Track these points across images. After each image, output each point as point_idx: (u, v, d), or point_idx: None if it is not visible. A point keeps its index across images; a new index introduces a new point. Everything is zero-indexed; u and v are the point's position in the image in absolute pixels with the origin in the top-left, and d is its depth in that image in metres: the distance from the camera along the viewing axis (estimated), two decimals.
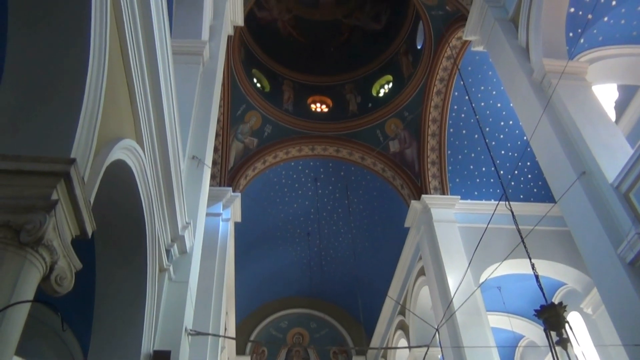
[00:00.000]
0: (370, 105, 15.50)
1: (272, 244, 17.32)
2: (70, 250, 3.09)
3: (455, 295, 10.27)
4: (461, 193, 13.28)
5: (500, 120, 12.95)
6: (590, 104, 8.37)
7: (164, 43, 5.39)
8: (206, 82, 8.69)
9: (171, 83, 5.78)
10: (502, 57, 9.74)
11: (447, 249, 11.77)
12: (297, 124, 15.25)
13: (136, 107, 4.82)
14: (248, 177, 14.26)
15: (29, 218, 2.78)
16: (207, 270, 9.75)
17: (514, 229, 7.69)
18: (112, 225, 5.01)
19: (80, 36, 3.54)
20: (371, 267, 17.10)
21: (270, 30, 15.88)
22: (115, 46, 4.21)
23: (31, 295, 2.78)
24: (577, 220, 7.66)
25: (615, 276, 6.85)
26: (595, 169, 7.46)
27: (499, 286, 12.73)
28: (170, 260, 6.24)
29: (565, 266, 11.71)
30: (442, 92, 13.43)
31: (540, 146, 8.60)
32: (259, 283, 18.29)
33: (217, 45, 9.47)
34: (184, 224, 6.58)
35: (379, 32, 15.94)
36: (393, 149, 14.76)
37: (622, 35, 9.21)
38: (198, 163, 7.48)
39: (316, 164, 15.56)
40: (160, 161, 5.68)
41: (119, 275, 5.16)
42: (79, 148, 3.29)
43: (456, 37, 12.11)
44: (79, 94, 3.40)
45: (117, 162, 4.22)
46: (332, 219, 16.90)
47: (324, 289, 18.79)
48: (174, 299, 6.05)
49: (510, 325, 13.84)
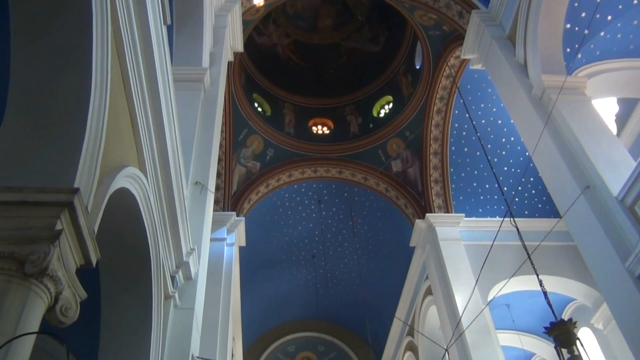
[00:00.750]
0: (372, 125, 15.57)
1: (278, 268, 17.23)
2: (75, 280, 3.08)
3: (464, 314, 10.17)
4: (465, 211, 13.24)
5: (501, 137, 12.98)
6: (591, 118, 8.38)
7: (165, 71, 5.45)
8: (207, 108, 8.75)
9: (173, 110, 5.83)
10: (501, 74, 9.80)
11: (453, 268, 11.69)
12: (299, 147, 15.30)
13: (138, 135, 4.85)
14: (251, 201, 14.27)
15: (33, 249, 2.79)
16: (212, 296, 9.68)
17: (521, 245, 7.67)
18: (117, 253, 5.00)
19: (82, 66, 3.59)
20: (378, 287, 16.98)
21: (269, 55, 16.05)
22: (117, 75, 4.26)
23: (36, 326, 2.77)
24: (583, 234, 7.61)
25: (624, 290, 6.77)
26: (599, 182, 7.44)
27: (507, 304, 12.60)
28: (175, 287, 6.21)
29: (574, 281, 11.60)
30: (442, 111, 13.48)
31: (543, 161, 8.60)
32: (265, 307, 18.15)
33: (217, 72, 9.56)
34: (189, 250, 6.56)
35: (377, 54, 16.08)
36: (395, 168, 14.77)
37: (619, 49, 9.26)
38: (201, 189, 7.49)
39: (319, 185, 15.57)
40: (163, 188, 5.70)
41: (124, 303, 5.13)
42: (82, 177, 3.31)
43: (454, 56, 12.21)
44: (81, 124, 3.43)
45: (121, 190, 4.23)
46: (336, 240, 16.84)
47: (331, 311, 18.64)
48: (180, 326, 6.00)
49: (521, 343, 13.65)
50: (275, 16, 15.52)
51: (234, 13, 10.69)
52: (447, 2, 11.25)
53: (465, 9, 10.84)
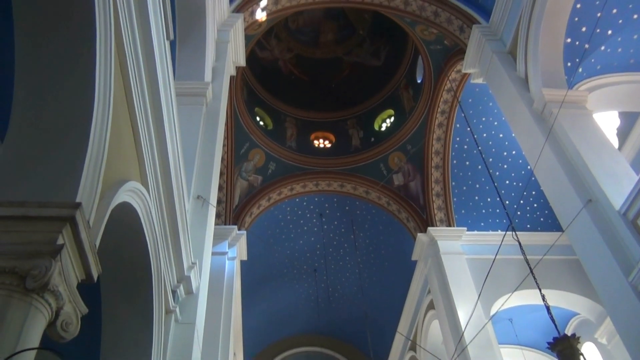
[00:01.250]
0: (373, 139, 15.60)
1: (279, 282, 17.17)
2: (76, 295, 3.07)
3: (466, 329, 10.11)
4: (467, 224, 13.21)
5: (503, 150, 12.99)
6: (592, 131, 8.39)
7: (168, 85, 5.48)
8: (210, 122, 8.77)
9: (175, 124, 5.85)
10: (502, 88, 9.83)
11: (455, 282, 11.64)
12: (300, 161, 15.33)
13: (141, 149, 4.86)
14: (253, 214, 14.25)
15: (34, 264, 2.78)
16: (213, 310, 9.63)
17: (523, 258, 7.64)
18: (118, 267, 4.99)
19: (85, 81, 3.61)
20: (380, 301, 16.89)
21: (272, 69, 16.14)
22: (119, 90, 4.28)
23: (37, 342, 2.76)
24: (586, 248, 7.59)
25: (628, 304, 6.73)
26: (601, 196, 7.42)
27: (510, 318, 12.52)
28: (176, 301, 6.18)
29: (577, 295, 11.53)
30: (443, 125, 13.51)
31: (545, 175, 8.60)
32: (266, 322, 18.04)
33: (219, 86, 9.60)
34: (190, 264, 6.54)
35: (379, 68, 16.17)
36: (397, 182, 14.77)
37: (620, 63, 9.30)
38: (203, 202, 7.49)
39: (321, 199, 15.56)
40: (165, 202, 5.70)
41: (125, 318, 5.10)
42: (84, 192, 3.31)
43: (455, 70, 12.27)
44: (83, 138, 3.44)
45: (123, 204, 4.23)
46: (338, 254, 16.79)
47: (333, 325, 18.53)
48: (181, 341, 5.96)
49: (524, 358, 13.52)
50: (277, 31, 15.64)
51: (237, 28, 10.77)
52: (448, 17, 11.34)
53: (466, 23, 10.92)
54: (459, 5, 11.15)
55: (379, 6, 12.20)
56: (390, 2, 11.96)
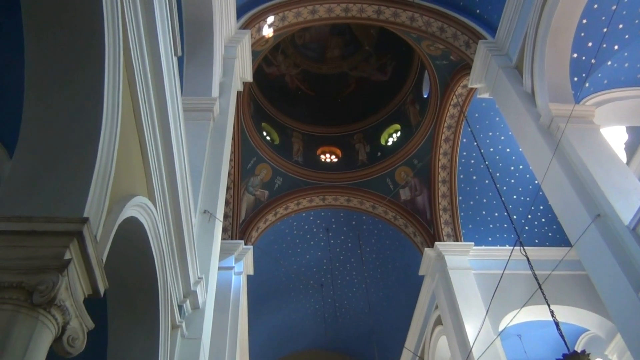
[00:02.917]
0: (380, 154, 15.60)
1: (286, 296, 17.09)
2: (83, 310, 3.07)
3: (475, 345, 10.00)
4: (475, 239, 13.14)
5: (510, 165, 12.95)
6: (600, 146, 8.35)
7: (175, 101, 5.52)
8: (217, 137, 8.81)
9: (182, 139, 5.88)
10: (509, 103, 9.83)
11: (463, 297, 11.54)
12: (307, 175, 15.34)
13: (148, 164, 4.89)
14: (260, 229, 14.24)
15: (42, 279, 2.78)
16: (220, 325, 9.60)
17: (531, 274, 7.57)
18: (124, 282, 4.98)
19: (93, 96, 3.63)
20: (387, 317, 16.77)
21: (278, 84, 16.23)
22: (127, 105, 4.31)
23: (43, 357, 2.75)
24: (595, 264, 7.51)
25: (638, 320, 6.64)
26: (609, 211, 7.37)
27: (519, 334, 12.38)
28: (182, 316, 6.16)
29: (587, 311, 11.39)
30: (450, 139, 13.51)
31: (553, 190, 8.55)
32: (273, 337, 17.94)
33: (226, 101, 9.66)
34: (196, 279, 6.53)
35: (385, 83, 16.22)
36: (404, 196, 14.74)
37: (627, 78, 9.29)
38: (210, 217, 7.49)
39: (327, 214, 15.54)
40: (172, 217, 5.71)
41: (131, 333, 5.09)
42: (92, 207, 3.32)
43: (462, 85, 12.29)
44: (91, 153, 3.46)
45: (130, 219, 4.24)
46: (345, 269, 16.72)
47: (340, 341, 18.38)
48: (187, 356, 5.93)
49: None
50: (284, 47, 15.76)
51: (244, 44, 10.86)
52: (454, 33, 11.39)
53: (472, 39, 10.96)
54: (464, 20, 11.20)
55: (384, 22, 12.28)
56: (397, 18, 12.04)
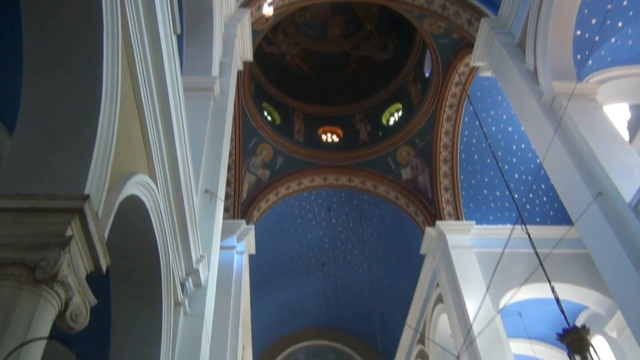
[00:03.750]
0: (381, 133, 15.56)
1: (287, 276, 17.21)
2: (85, 286, 3.09)
3: (475, 322, 10.09)
4: (476, 218, 13.17)
5: (512, 144, 12.91)
6: (602, 124, 8.31)
7: (175, 80, 5.49)
8: (217, 117, 8.79)
9: (183, 119, 5.86)
10: (511, 81, 9.76)
11: (464, 275, 11.61)
12: (308, 155, 15.32)
13: (149, 142, 4.88)
14: (261, 209, 14.28)
15: (43, 255, 2.80)
16: (222, 304, 9.67)
17: (532, 252, 7.60)
18: (127, 260, 5.02)
19: (92, 75, 3.62)
20: (388, 295, 16.90)
21: (279, 64, 16.12)
22: (127, 84, 4.30)
23: (46, 332, 2.78)
24: (596, 241, 7.53)
25: (638, 297, 6.68)
26: (611, 189, 7.36)
27: (519, 311, 12.48)
28: (185, 294, 6.21)
29: (587, 289, 11.46)
30: (452, 118, 13.46)
31: (554, 168, 8.54)
32: (275, 315, 18.12)
33: (227, 81, 9.60)
34: (198, 257, 6.57)
35: (386, 62, 16.11)
36: (405, 176, 14.74)
37: (630, 55, 9.21)
38: (211, 196, 7.51)
39: (329, 193, 15.56)
40: (173, 195, 5.72)
41: (135, 310, 5.14)
42: (93, 184, 3.33)
43: (464, 63, 12.20)
44: (91, 131, 3.45)
45: (131, 197, 4.25)
46: (346, 248, 16.80)
47: (341, 319, 18.55)
48: (190, 333, 5.99)
49: (533, 351, 13.49)
50: (284, 26, 15.61)
51: (244, 23, 10.76)
52: (456, 10, 11.26)
53: (475, 16, 10.84)
54: None
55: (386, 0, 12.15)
56: None
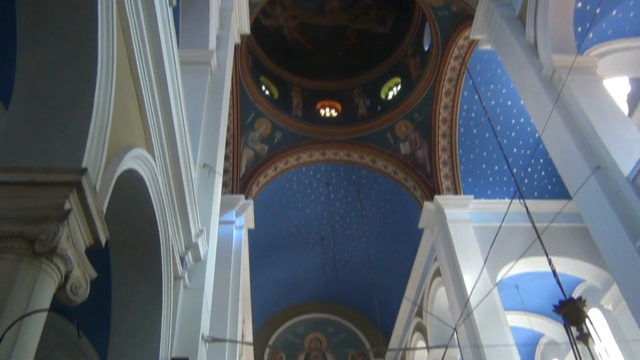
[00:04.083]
0: (380, 108, 15.48)
1: (287, 250, 17.31)
2: (85, 260, 3.11)
3: (472, 295, 10.18)
4: (474, 192, 13.19)
5: (511, 118, 12.87)
6: (602, 97, 8.28)
7: (171, 53, 5.43)
8: (215, 91, 8.73)
9: (180, 92, 5.82)
10: (511, 54, 9.68)
11: (462, 249, 11.68)
12: (307, 130, 15.26)
13: (146, 117, 4.86)
14: (260, 184, 14.29)
15: (42, 228, 2.81)
16: (222, 278, 9.75)
17: (530, 227, 7.64)
18: (126, 234, 5.04)
19: (87, 48, 3.58)
20: (386, 269, 17.03)
21: (277, 37, 15.94)
22: (123, 58, 4.25)
23: (47, 304, 2.80)
24: (594, 215, 7.57)
25: (634, 270, 6.75)
26: (609, 163, 7.37)
27: (516, 285, 12.59)
28: (184, 268, 6.25)
29: (583, 262, 11.56)
30: (451, 93, 13.37)
31: (553, 142, 8.52)
32: (274, 289, 18.28)
33: (224, 54, 9.51)
34: (197, 231, 6.60)
35: (385, 35, 15.93)
36: (404, 150, 14.71)
37: (631, 28, 9.11)
38: (209, 171, 7.50)
39: (327, 168, 15.56)
40: (171, 169, 5.72)
41: (135, 283, 5.18)
42: (90, 158, 3.32)
43: (463, 36, 12.07)
44: (87, 105, 3.43)
45: (129, 171, 4.25)
46: (345, 223, 16.87)
47: (340, 293, 18.74)
48: (190, 307, 6.06)
49: (530, 324, 13.67)
50: None
51: None
52: None
53: None
54: None
55: None
56: None
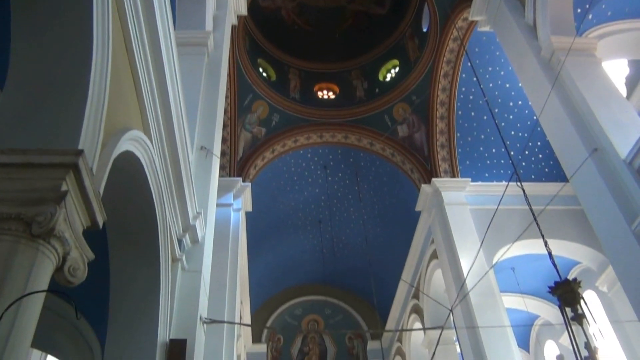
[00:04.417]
0: (377, 90, 15.42)
1: (284, 233, 17.37)
2: (82, 241, 3.11)
3: (469, 278, 10.25)
4: (472, 175, 13.20)
5: (509, 101, 12.83)
6: (600, 80, 8.25)
7: (168, 34, 5.38)
8: (212, 73, 8.67)
9: (176, 74, 5.78)
10: (510, 36, 9.62)
11: (459, 232, 11.73)
12: (304, 112, 15.21)
13: (142, 98, 4.83)
14: (257, 166, 14.28)
15: (39, 210, 2.80)
16: (220, 260, 9.79)
17: (526, 209, 7.65)
18: (124, 216, 5.04)
19: (82, 28, 3.54)
20: (384, 252, 17.12)
21: (274, 19, 15.79)
22: (118, 38, 4.21)
23: (45, 285, 2.81)
24: (590, 197, 7.60)
25: (630, 252, 6.79)
26: (607, 145, 7.37)
27: (512, 267, 12.69)
28: (182, 250, 6.27)
29: (579, 245, 11.61)
30: (449, 75, 13.31)
31: (550, 124, 8.52)
32: (272, 272, 18.37)
33: (221, 36, 9.43)
34: (195, 213, 6.61)
35: (383, 17, 15.79)
36: (402, 133, 14.69)
37: (631, 9, 9.05)
38: (207, 153, 7.49)
39: (325, 151, 15.54)
40: (168, 152, 5.70)
41: (133, 265, 5.20)
42: (86, 140, 3.30)
43: (462, 18, 11.96)
44: (83, 86, 3.40)
45: (126, 153, 4.23)
46: (342, 205, 16.90)
47: (338, 275, 18.85)
48: (188, 289, 6.09)
49: (525, 305, 13.81)
50: None
51: None
52: None
53: None
54: None
55: None
56: None
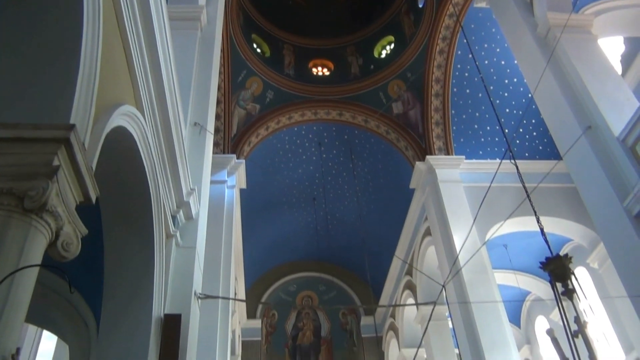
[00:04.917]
0: (372, 67, 15.32)
1: (278, 210, 17.40)
2: (75, 216, 3.10)
3: (462, 254, 10.33)
4: (466, 153, 13.21)
5: (504, 78, 12.78)
6: (595, 57, 8.23)
7: (160, 8, 5.31)
8: (205, 48, 8.58)
9: (169, 49, 5.72)
10: (506, 12, 9.55)
11: (452, 209, 11.78)
12: (299, 89, 15.11)
13: (134, 73, 4.78)
14: (251, 143, 14.23)
15: (31, 185, 2.79)
16: (214, 237, 9.82)
17: (520, 187, 7.69)
18: (117, 192, 5.03)
19: (72, 3, 3.49)
20: (377, 229, 17.20)
21: None
22: (109, 12, 4.15)
23: (38, 260, 2.81)
24: (583, 175, 7.63)
25: (621, 229, 6.86)
26: (601, 123, 7.39)
27: (505, 244, 12.79)
28: (176, 226, 6.28)
29: (571, 222, 11.70)
30: (445, 52, 13.22)
31: (545, 101, 8.51)
32: (266, 248, 18.46)
33: (214, 10, 9.31)
34: (189, 190, 6.60)
35: None
36: (396, 110, 14.64)
37: None
38: (200, 130, 7.45)
39: (319, 128, 15.49)
40: (161, 127, 5.67)
41: (127, 241, 5.21)
42: (78, 114, 3.28)
43: None
44: (74, 60, 3.37)
45: (118, 128, 4.21)
46: (337, 182, 16.92)
47: (332, 252, 18.95)
48: (182, 264, 6.12)
49: (517, 281, 13.97)
50: None
51: None
52: None
53: None
54: None
55: None
56: None
